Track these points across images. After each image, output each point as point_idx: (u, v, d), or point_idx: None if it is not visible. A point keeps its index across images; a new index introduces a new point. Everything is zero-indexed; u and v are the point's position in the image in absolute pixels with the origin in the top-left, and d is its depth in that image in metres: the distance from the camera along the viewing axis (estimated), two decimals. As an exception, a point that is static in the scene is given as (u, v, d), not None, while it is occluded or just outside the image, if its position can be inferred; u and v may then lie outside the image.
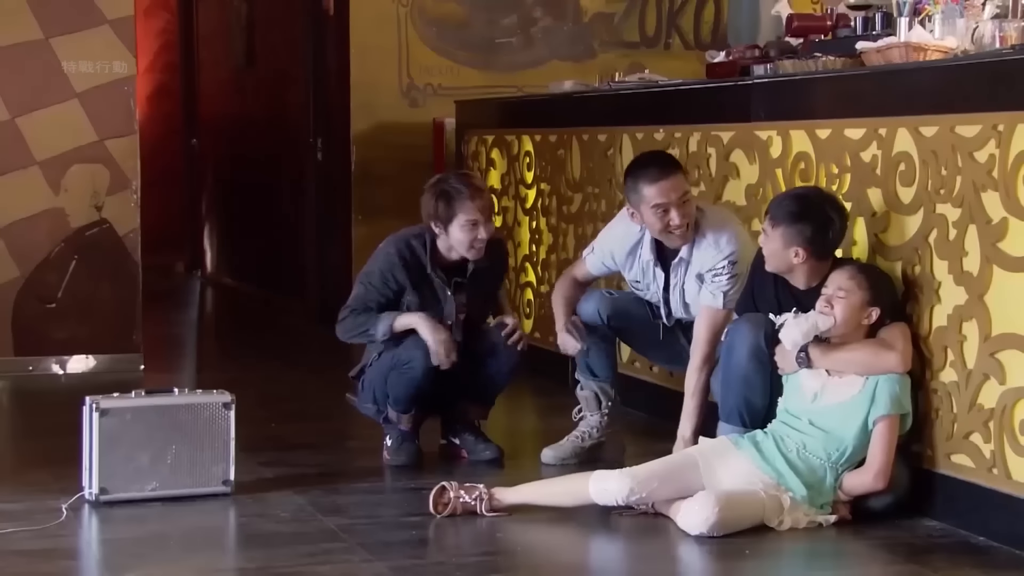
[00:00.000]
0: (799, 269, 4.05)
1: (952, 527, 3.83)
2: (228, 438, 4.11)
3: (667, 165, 4.47)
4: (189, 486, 4.08)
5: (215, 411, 4.11)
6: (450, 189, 4.53)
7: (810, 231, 3.99)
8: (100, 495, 4.03)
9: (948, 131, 3.83)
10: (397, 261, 4.56)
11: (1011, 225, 3.63)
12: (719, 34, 8.03)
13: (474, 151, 7.00)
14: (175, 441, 4.07)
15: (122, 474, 4.04)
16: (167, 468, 4.07)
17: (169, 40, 11.21)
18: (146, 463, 4.05)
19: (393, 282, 4.56)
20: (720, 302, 4.40)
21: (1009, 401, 3.64)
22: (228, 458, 4.12)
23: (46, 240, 6.42)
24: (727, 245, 4.42)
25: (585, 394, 4.67)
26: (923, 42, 4.57)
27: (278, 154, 9.31)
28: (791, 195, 4.15)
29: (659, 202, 4.38)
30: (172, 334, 8.21)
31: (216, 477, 4.11)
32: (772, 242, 4.05)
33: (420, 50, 7.82)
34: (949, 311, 3.83)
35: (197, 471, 4.09)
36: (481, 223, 4.51)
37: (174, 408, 4.09)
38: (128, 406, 4.07)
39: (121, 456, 4.04)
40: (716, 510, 3.71)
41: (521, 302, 6.48)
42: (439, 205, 4.52)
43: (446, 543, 3.84)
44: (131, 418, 4.05)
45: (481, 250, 4.55)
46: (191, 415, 4.09)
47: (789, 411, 3.98)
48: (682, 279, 4.52)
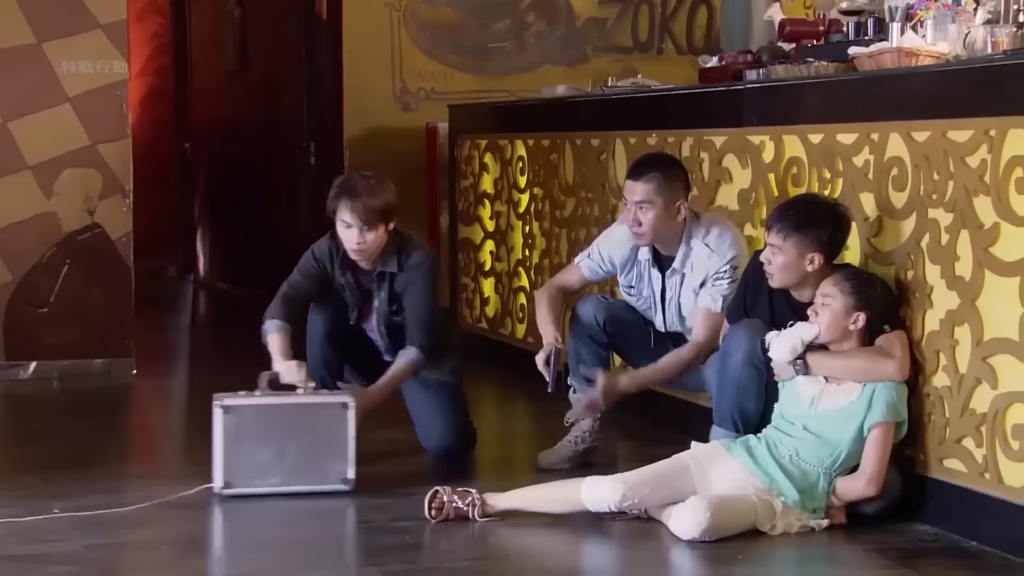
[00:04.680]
0: (811, 278, 4.01)
1: (944, 532, 3.83)
2: (347, 437, 4.19)
3: (643, 167, 4.50)
4: (309, 483, 4.18)
5: (334, 411, 4.19)
6: (344, 184, 4.51)
7: (827, 234, 3.98)
8: (224, 488, 4.14)
9: (940, 136, 3.83)
10: (310, 258, 4.61)
11: (1003, 230, 3.63)
12: (712, 39, 8.04)
13: (467, 155, 7.00)
14: (295, 439, 4.17)
15: (245, 469, 4.16)
16: (288, 465, 4.17)
17: (162, 44, 11.19)
18: (267, 459, 4.16)
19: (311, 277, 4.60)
20: (719, 306, 4.40)
21: (1001, 405, 3.64)
22: (347, 457, 4.19)
23: (38, 244, 6.41)
24: (729, 250, 4.43)
25: (579, 398, 4.67)
26: (915, 47, 4.58)
27: (271, 158, 9.31)
28: (796, 204, 4.10)
29: (624, 197, 4.50)
30: (165, 338, 8.19)
31: (336, 475, 4.19)
32: (784, 254, 4.00)
33: (413, 54, 7.82)
34: (941, 316, 3.83)
35: (317, 469, 4.19)
36: (356, 227, 4.45)
37: (294, 407, 4.20)
38: (250, 404, 4.18)
39: (243, 452, 4.16)
40: (708, 515, 3.71)
41: (514, 307, 6.48)
42: (330, 196, 4.52)
43: (439, 548, 3.84)
44: (253, 415, 4.17)
45: (363, 253, 4.50)
46: (311, 414, 4.19)
47: (785, 416, 3.98)
48: (677, 292, 4.52)
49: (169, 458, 5.21)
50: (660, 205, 4.42)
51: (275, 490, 4.17)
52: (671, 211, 4.44)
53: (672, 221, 4.45)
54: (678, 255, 4.50)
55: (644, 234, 4.46)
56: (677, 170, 4.54)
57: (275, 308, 4.57)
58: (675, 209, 4.44)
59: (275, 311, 4.56)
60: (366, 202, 4.45)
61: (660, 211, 4.42)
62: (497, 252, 6.69)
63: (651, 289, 4.58)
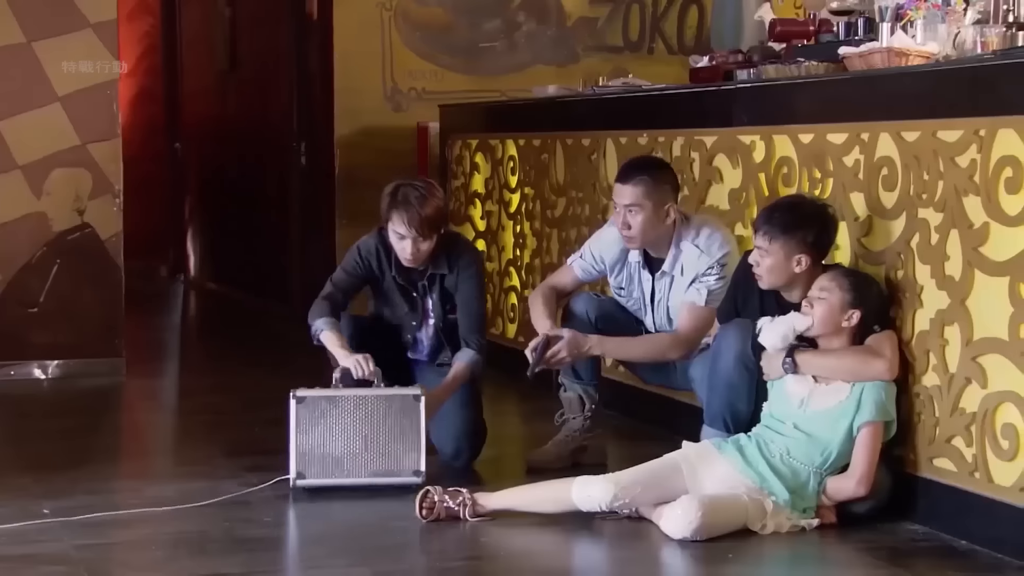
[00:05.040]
0: (799, 280, 4.01)
1: (934, 531, 3.83)
2: (419, 429, 4.22)
3: (632, 170, 4.50)
4: (382, 475, 4.22)
5: (407, 403, 4.23)
6: (396, 195, 4.48)
7: (812, 235, 3.99)
8: (297, 479, 4.21)
9: (930, 136, 3.84)
10: (356, 255, 4.61)
11: (992, 229, 3.64)
12: (702, 39, 8.04)
13: (458, 155, 7.00)
14: (368, 431, 4.21)
15: (318, 460, 4.21)
16: (360, 457, 4.21)
17: (152, 44, 11.17)
18: (340, 451, 4.21)
19: (357, 276, 4.60)
20: (703, 299, 4.42)
21: (991, 405, 3.65)
22: (419, 449, 4.22)
23: (28, 244, 6.40)
24: (719, 249, 4.44)
25: (569, 396, 4.68)
26: (905, 47, 4.59)
27: (262, 158, 9.30)
28: (781, 206, 4.10)
29: (614, 200, 4.50)
30: (155, 338, 8.18)
31: (408, 468, 4.22)
32: (771, 256, 4.00)
33: (404, 54, 7.82)
34: (931, 315, 3.84)
35: (389, 461, 4.22)
36: (410, 239, 4.45)
37: (367, 399, 4.23)
38: (323, 395, 4.23)
39: (316, 443, 4.21)
40: (699, 514, 3.72)
41: (505, 306, 6.48)
42: (383, 206, 4.51)
43: (430, 547, 3.84)
44: (326, 406, 4.21)
45: (416, 260, 4.50)
46: (383, 406, 4.22)
47: (774, 416, 3.98)
48: (667, 294, 4.53)
49: (160, 458, 5.21)
50: (649, 208, 4.43)
51: (347, 482, 4.21)
52: (660, 214, 4.44)
53: (662, 224, 4.46)
54: (668, 258, 4.51)
55: (634, 237, 4.47)
56: (666, 173, 4.54)
57: (319, 308, 4.55)
58: (664, 212, 4.45)
59: (319, 311, 4.54)
60: (420, 212, 4.44)
61: (649, 214, 4.43)
62: (488, 252, 6.69)
63: (641, 291, 4.59)
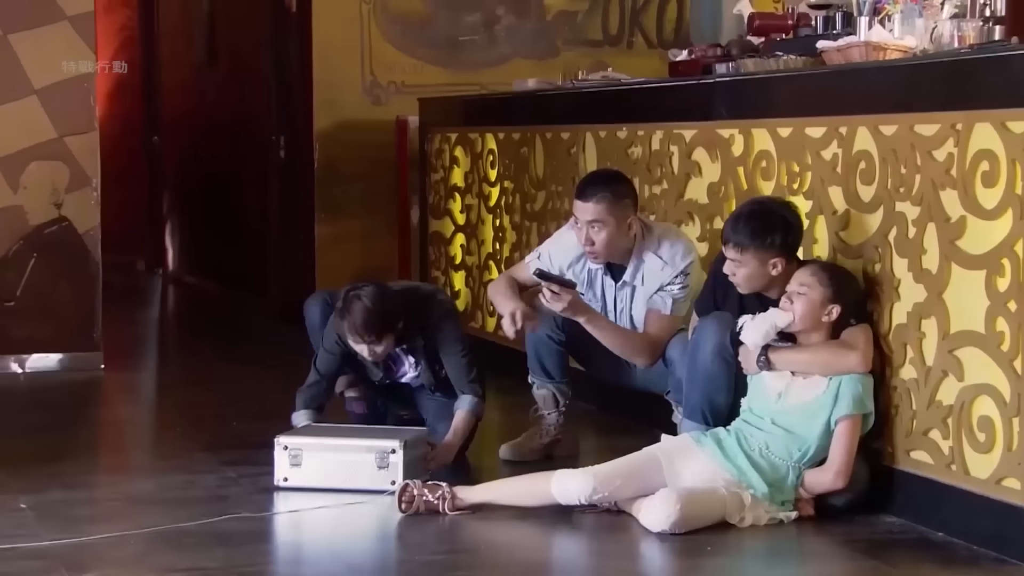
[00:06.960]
0: (777, 281, 4.03)
1: (911, 523, 3.85)
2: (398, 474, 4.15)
3: (591, 186, 4.49)
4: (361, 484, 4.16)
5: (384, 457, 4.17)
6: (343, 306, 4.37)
7: (780, 238, 4.01)
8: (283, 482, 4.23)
9: (907, 130, 3.85)
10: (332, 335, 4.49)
11: (969, 223, 3.65)
12: (682, 33, 8.05)
13: (437, 149, 6.99)
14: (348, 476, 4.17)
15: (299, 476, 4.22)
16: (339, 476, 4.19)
17: (130, 36, 11.13)
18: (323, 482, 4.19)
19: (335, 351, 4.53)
20: (669, 308, 4.47)
21: (967, 398, 3.67)
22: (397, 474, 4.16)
23: (5, 238, 6.36)
24: (682, 260, 4.48)
25: (543, 393, 4.69)
26: (883, 41, 4.61)
27: (240, 152, 9.27)
28: (743, 216, 4.08)
29: (576, 217, 4.48)
30: (133, 332, 8.15)
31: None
32: (745, 266, 4.02)
33: (383, 48, 7.80)
34: (909, 308, 3.86)
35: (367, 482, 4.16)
36: (365, 345, 4.38)
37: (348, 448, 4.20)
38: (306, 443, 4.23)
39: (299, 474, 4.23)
40: (678, 507, 3.73)
41: (485, 300, 6.47)
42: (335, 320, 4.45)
43: (410, 541, 3.84)
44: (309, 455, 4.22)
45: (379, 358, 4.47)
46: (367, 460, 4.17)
47: (753, 410, 3.99)
48: (628, 304, 4.55)
49: (138, 452, 5.19)
50: (612, 224, 4.44)
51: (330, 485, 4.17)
52: (623, 228, 4.47)
53: (624, 237, 4.49)
54: (629, 268, 4.53)
55: (599, 253, 4.49)
56: (625, 186, 4.56)
57: (303, 398, 4.54)
58: (627, 225, 4.48)
59: (303, 401, 4.53)
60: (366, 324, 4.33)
61: (612, 230, 4.45)
62: (468, 246, 6.69)
63: (603, 297, 4.61)
